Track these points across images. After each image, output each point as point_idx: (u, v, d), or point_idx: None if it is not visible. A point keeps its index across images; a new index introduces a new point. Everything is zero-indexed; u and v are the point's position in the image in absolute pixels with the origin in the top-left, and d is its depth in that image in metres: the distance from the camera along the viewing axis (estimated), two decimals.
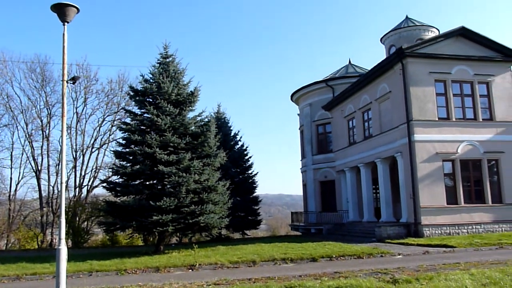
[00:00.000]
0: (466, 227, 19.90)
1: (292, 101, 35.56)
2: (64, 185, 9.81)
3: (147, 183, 19.55)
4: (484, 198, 20.54)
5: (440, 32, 27.10)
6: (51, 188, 34.67)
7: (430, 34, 29.24)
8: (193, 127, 20.00)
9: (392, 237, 19.57)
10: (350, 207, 27.21)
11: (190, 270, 13.28)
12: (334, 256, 14.66)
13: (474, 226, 20.00)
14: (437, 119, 20.50)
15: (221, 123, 31.13)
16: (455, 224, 19.79)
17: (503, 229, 20.18)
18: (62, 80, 9.76)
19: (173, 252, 18.39)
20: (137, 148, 18.53)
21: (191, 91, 20.53)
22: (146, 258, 16.16)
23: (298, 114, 35.14)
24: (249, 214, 30.56)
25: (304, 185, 32.76)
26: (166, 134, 18.50)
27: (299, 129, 34.64)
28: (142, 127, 19.56)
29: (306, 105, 32.44)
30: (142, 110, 20.02)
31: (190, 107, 20.52)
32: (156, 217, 16.90)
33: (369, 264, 12.53)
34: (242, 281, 10.25)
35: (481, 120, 21.10)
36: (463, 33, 21.40)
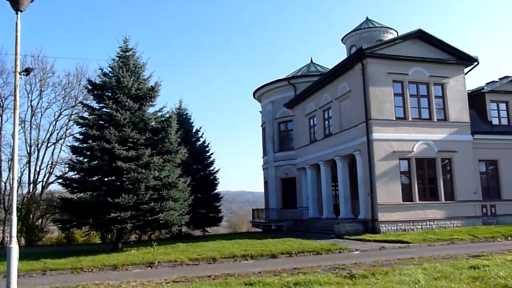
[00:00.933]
0: (420, 223, 20.60)
1: (255, 98, 35.64)
2: (16, 181, 9.39)
3: (105, 179, 19.03)
4: (437, 195, 21.34)
5: (399, 34, 27.95)
6: (3, 184, 33.20)
7: (389, 36, 30.07)
8: (153, 123, 19.66)
9: (351, 233, 20.00)
10: (310, 204, 27.60)
11: (149, 268, 13.07)
12: (293, 252, 14.83)
13: (428, 222, 20.73)
14: (394, 118, 21.09)
15: (183, 119, 30.74)
16: (410, 221, 20.44)
17: (455, 225, 21.04)
18: (15, 72, 9.30)
19: (131, 250, 18.03)
20: (95, 144, 18.01)
21: (151, 86, 20.16)
22: (104, 256, 15.76)
23: (260, 112, 35.27)
24: (210, 211, 30.37)
25: (266, 182, 32.94)
26: (125, 129, 18.09)
27: (261, 126, 34.78)
28: (100, 122, 19.02)
29: (268, 103, 32.60)
30: (101, 105, 19.47)
31: (150, 102, 20.16)
32: (114, 214, 16.51)
33: (327, 260, 12.74)
34: (201, 278, 10.18)
35: (435, 120, 21.88)
36: (420, 36, 22.10)
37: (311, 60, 33.86)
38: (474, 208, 21.81)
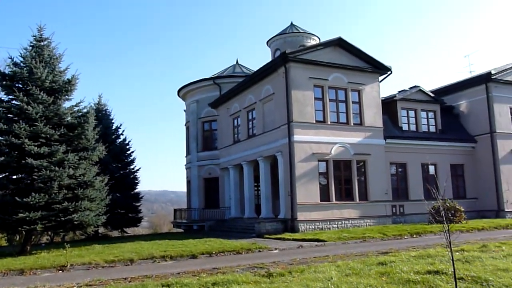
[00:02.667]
0: (336, 223, 21.56)
1: (179, 96, 35.09)
2: None
3: (13, 177, 17.72)
4: (352, 195, 22.47)
5: (321, 41, 29.01)
6: None
7: (312, 42, 31.13)
8: (69, 118, 18.61)
9: (271, 233, 20.41)
10: (232, 204, 27.76)
11: (61, 272, 12.35)
12: (214, 252, 14.81)
13: (343, 221, 21.76)
14: (314, 121, 21.88)
15: (102, 115, 29.47)
16: (327, 220, 21.32)
17: (368, 224, 22.29)
18: None
19: (42, 253, 16.92)
20: (2, 138, 16.69)
21: (68, 79, 19.08)
22: (9, 259, 14.63)
23: (184, 110, 34.81)
24: (130, 211, 29.41)
25: (188, 182, 32.58)
26: (37, 124, 16.94)
27: (185, 125, 34.33)
28: (9, 115, 17.66)
29: (193, 102, 32.28)
30: (10, 97, 18.07)
31: (66, 96, 19.08)
32: (23, 215, 15.40)
33: (247, 259, 12.89)
34: (117, 280, 9.82)
35: (352, 124, 23.02)
36: (340, 44, 23.15)
37: (237, 61, 34.07)
38: (385, 207, 23.27)
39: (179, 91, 34.18)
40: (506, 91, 27.62)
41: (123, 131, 30.90)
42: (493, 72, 27.13)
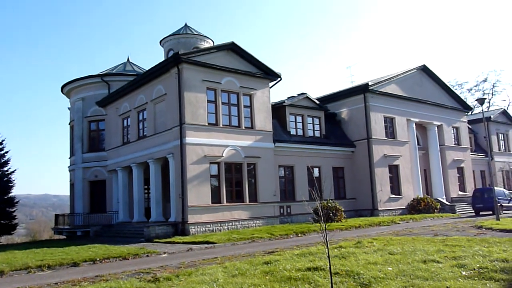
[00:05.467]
0: (227, 224, 21.86)
1: (63, 93, 32.74)
2: None
3: None
4: (243, 197, 22.98)
5: (215, 44, 29.25)
6: None
7: (206, 44, 31.26)
8: None
9: (161, 237, 19.98)
10: (120, 208, 26.63)
11: None
12: (98, 259, 14.04)
13: (233, 223, 22.14)
14: (207, 124, 21.96)
15: None
16: (218, 222, 21.51)
17: (257, 224, 22.96)
18: None
19: None
20: None
21: None
22: None
23: (69, 108, 32.56)
24: (2, 218, 26.69)
25: (72, 185, 30.54)
26: None
27: (69, 124, 32.13)
28: None
29: (78, 99, 30.33)
30: None
31: None
32: None
33: (134, 265, 12.46)
34: None
35: (243, 128, 23.56)
36: (233, 48, 23.57)
37: (128, 59, 32.86)
38: (273, 208, 24.18)
39: (63, 87, 31.89)
40: (381, 101, 30.53)
41: None
42: (370, 83, 29.79)
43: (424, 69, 34.84)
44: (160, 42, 32.77)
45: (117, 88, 27.11)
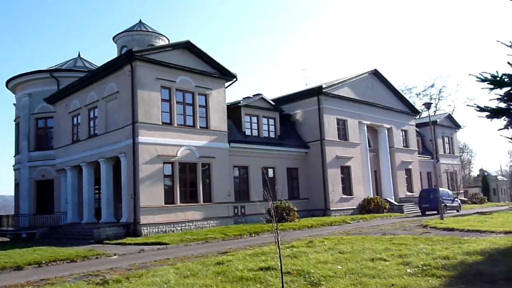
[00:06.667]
0: (180, 225, 21.60)
1: (8, 88, 31.21)
2: None
3: None
4: (197, 198, 22.79)
5: (170, 42, 28.88)
6: None
7: (161, 42, 30.80)
8: None
9: (111, 238, 19.45)
10: (69, 208, 25.71)
11: None
12: (44, 262, 13.48)
13: (187, 224, 21.91)
14: (161, 123, 21.62)
15: None
16: (171, 222, 21.21)
17: (211, 225, 22.85)
18: None
19: None
20: None
21: None
22: None
23: (14, 104, 31.07)
24: None
25: (17, 185, 29.17)
26: None
27: (15, 121, 30.67)
28: None
29: (25, 95, 29.02)
30: None
31: None
32: None
33: (82, 268, 12.06)
34: None
35: (198, 127, 23.38)
36: (189, 47, 23.35)
37: (79, 55, 31.78)
38: (227, 209, 24.16)
39: (8, 82, 30.40)
40: (334, 103, 31.25)
41: None
42: (324, 86, 30.43)
43: (376, 73, 36.00)
44: (113, 38, 31.95)
45: (67, 85, 26.17)
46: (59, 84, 27.88)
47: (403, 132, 38.97)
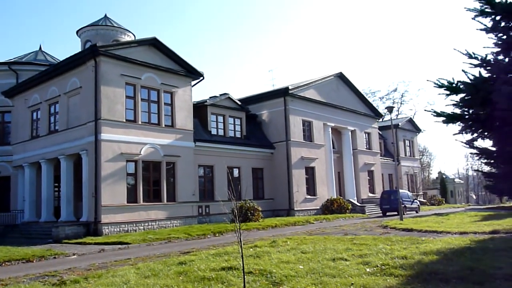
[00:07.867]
0: (143, 224, 21.26)
1: None
2: None
3: None
4: (161, 197, 22.50)
5: (136, 38, 28.39)
6: None
7: (126, 38, 30.23)
8: None
9: (71, 237, 18.92)
10: (26, 207, 24.79)
11: None
12: None
13: (150, 223, 21.59)
14: (124, 120, 21.21)
15: None
16: (133, 222, 20.84)
17: (174, 224, 22.61)
18: None
19: None
20: None
21: None
22: None
23: None
24: None
25: None
26: None
27: None
28: None
29: None
30: None
31: None
32: None
33: (38, 268, 11.67)
34: None
35: (163, 126, 23.09)
36: (155, 44, 23.02)
37: (40, 48, 30.73)
38: (191, 208, 23.98)
39: None
40: (300, 105, 31.58)
41: None
42: (290, 87, 30.70)
43: (341, 76, 36.63)
44: (77, 32, 31.11)
45: (27, 78, 25.28)
46: (18, 77, 26.87)
47: (366, 135, 39.84)
